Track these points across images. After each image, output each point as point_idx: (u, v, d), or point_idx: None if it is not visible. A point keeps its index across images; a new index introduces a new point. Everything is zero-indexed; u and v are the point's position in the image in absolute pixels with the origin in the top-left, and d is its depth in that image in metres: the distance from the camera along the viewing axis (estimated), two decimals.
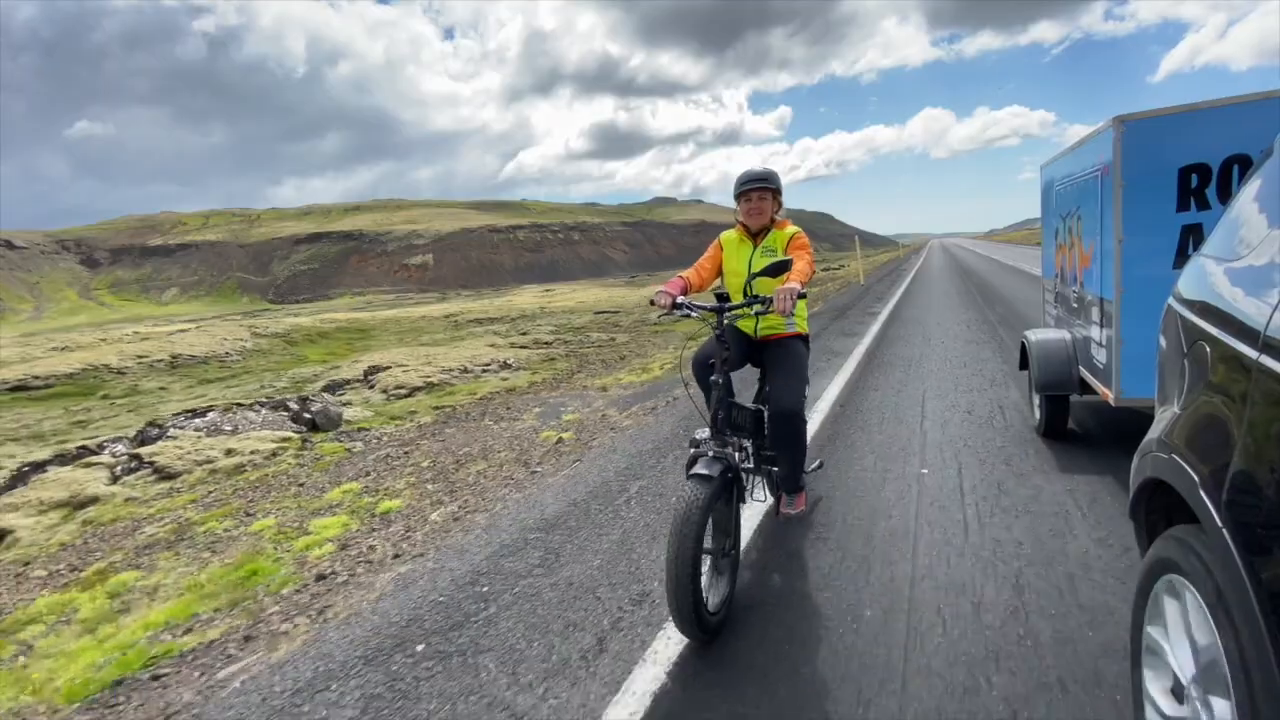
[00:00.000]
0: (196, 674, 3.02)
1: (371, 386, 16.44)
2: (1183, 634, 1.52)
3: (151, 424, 13.05)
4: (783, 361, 3.45)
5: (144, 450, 11.03)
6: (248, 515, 6.05)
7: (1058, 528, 3.58)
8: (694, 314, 3.16)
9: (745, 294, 3.44)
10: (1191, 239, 3.81)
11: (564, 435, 6.87)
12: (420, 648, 2.90)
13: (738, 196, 3.55)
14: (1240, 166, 3.65)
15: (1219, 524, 1.32)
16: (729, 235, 3.69)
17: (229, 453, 11.24)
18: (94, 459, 11.71)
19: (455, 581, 3.51)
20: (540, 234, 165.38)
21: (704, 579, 2.71)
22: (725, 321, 3.09)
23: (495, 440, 7.44)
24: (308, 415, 12.32)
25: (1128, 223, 3.92)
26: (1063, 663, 2.44)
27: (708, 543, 2.74)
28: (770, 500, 3.81)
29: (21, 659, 3.68)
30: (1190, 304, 1.84)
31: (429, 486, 5.83)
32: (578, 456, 5.88)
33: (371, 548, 4.36)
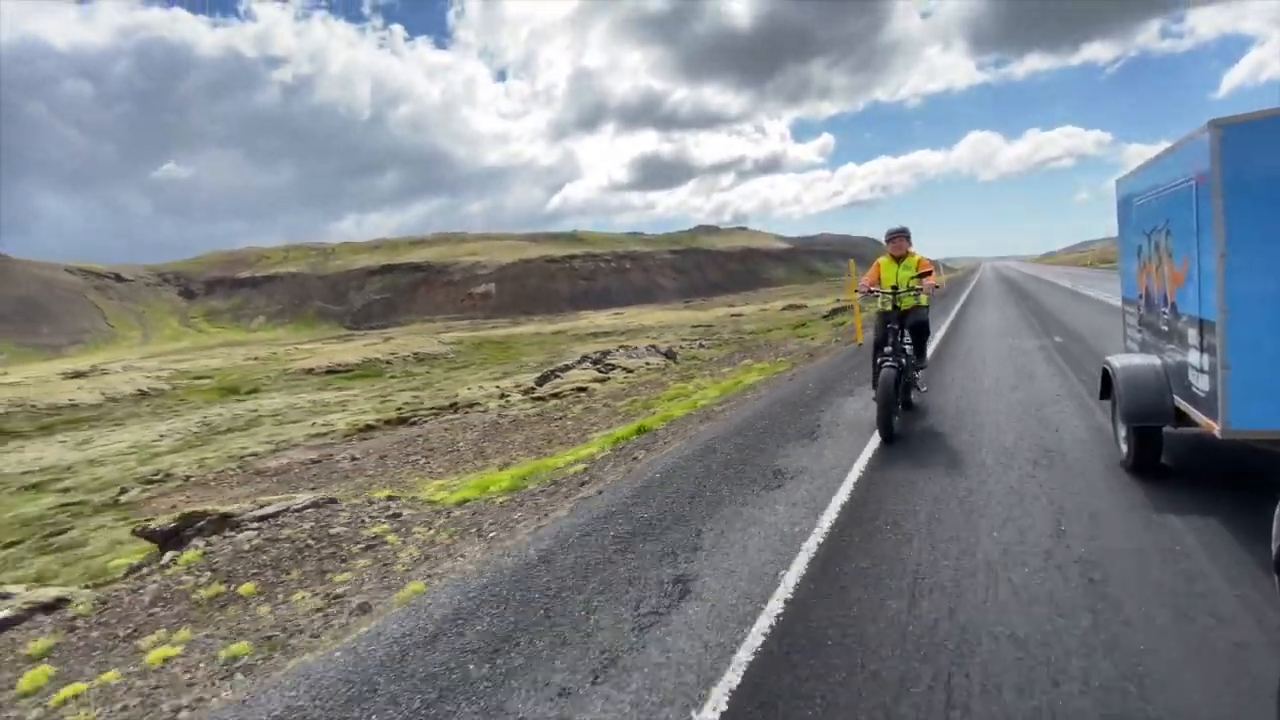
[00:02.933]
0: (761, 390, 10.84)
1: (626, 357, 25.88)
2: None
3: (585, 356, 25.88)
4: (917, 315, 6.96)
5: (610, 361, 22.49)
6: (710, 374, 15.21)
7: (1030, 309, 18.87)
8: (879, 295, 6.89)
9: (903, 288, 6.80)
10: None
11: (822, 344, 17.32)
12: (810, 387, 10.01)
13: (888, 241, 7.09)
14: None
15: None
16: (883, 259, 7.09)
17: (647, 365, 21.42)
18: (573, 369, 22.37)
19: (833, 369, 11.76)
20: (594, 263, 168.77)
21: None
22: (893, 300, 6.75)
23: (783, 350, 17.79)
24: (663, 352, 24.35)
25: (1231, 237, 3.55)
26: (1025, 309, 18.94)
27: (896, 396, 6.40)
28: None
29: (683, 399, 11.90)
30: None
31: (784, 358, 15.30)
32: (837, 350, 14.81)
33: (785, 369, 13.39)
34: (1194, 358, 4.04)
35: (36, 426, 25.08)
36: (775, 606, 3.39)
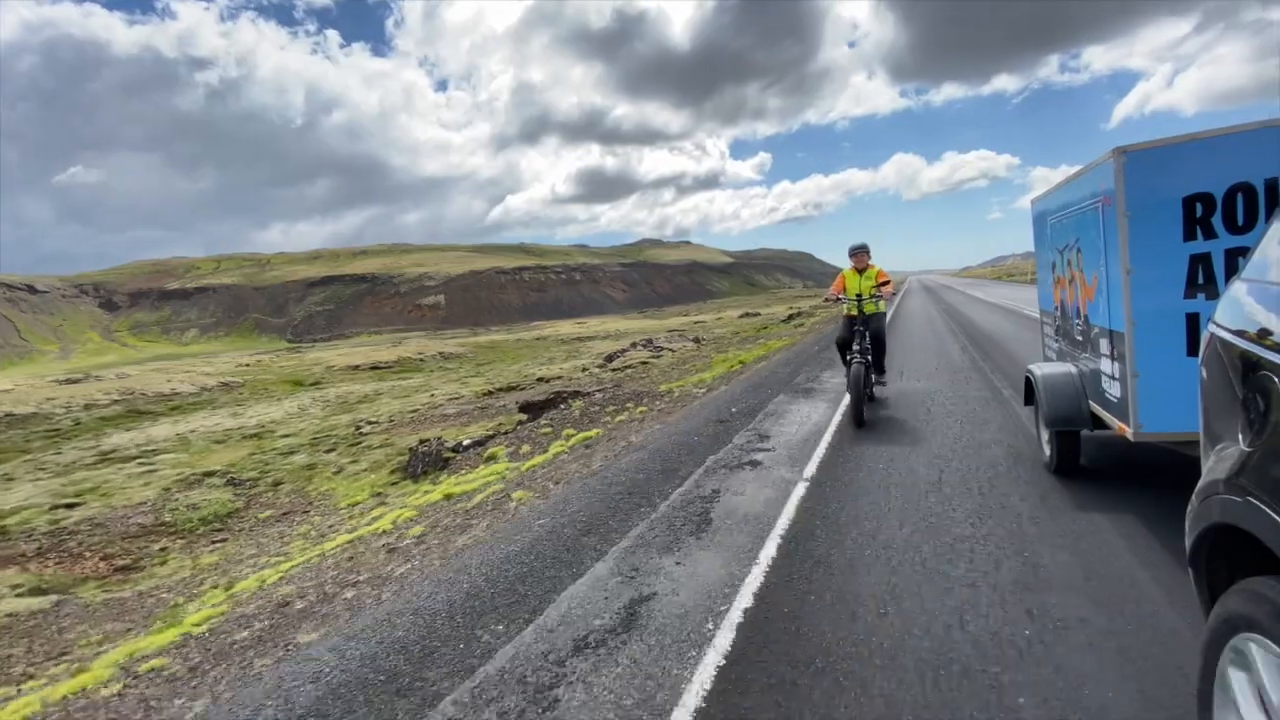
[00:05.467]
0: (775, 355, 16.47)
1: (674, 340, 32.52)
2: (1262, 702, 1.37)
3: (637, 342, 32.33)
4: (876, 321, 7.90)
5: (657, 344, 29.55)
6: (738, 345, 22.29)
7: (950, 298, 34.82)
8: (845, 301, 7.91)
9: (866, 296, 7.82)
10: (1200, 268, 3.70)
11: (805, 328, 27.06)
12: (813, 348, 16.24)
13: (851, 255, 8.02)
14: (1245, 195, 3.55)
15: None
16: (847, 271, 8.06)
17: (685, 348, 26.57)
18: (629, 351, 28.38)
19: (828, 338, 16.70)
20: (544, 275, 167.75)
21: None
22: (858, 306, 7.78)
23: (780, 335, 23.98)
24: (699, 339, 31.08)
25: (1134, 253, 3.81)
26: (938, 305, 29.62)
27: (865, 388, 7.45)
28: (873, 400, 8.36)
29: (727, 361, 16.27)
30: (1241, 332, 1.70)
31: (785, 339, 21.79)
32: (821, 330, 22.84)
33: (796, 340, 20.46)
34: (1106, 366, 4.31)
35: (169, 408, 28.27)
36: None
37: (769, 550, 4.05)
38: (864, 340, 7.50)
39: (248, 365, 47.72)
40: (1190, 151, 3.67)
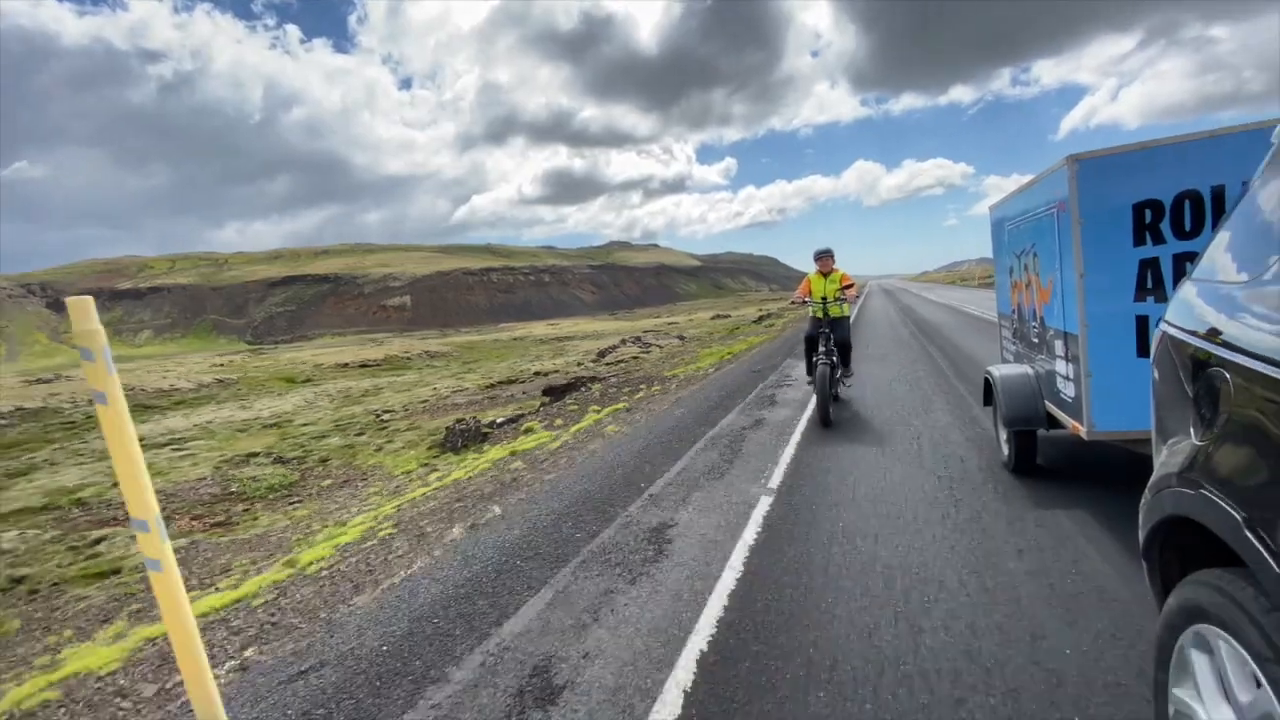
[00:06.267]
0: (762, 345, 20.29)
1: (657, 338, 33.76)
2: (1218, 692, 1.39)
3: (625, 339, 36.04)
4: (841, 325, 8.23)
5: (644, 341, 32.93)
6: (720, 342, 26.12)
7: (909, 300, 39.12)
8: (810, 304, 8.27)
9: (830, 299, 8.16)
10: (1150, 273, 3.82)
11: (777, 327, 29.65)
12: (796, 338, 18.46)
13: (816, 259, 8.38)
14: (1192, 202, 3.66)
15: (1277, 569, 1.17)
16: (813, 275, 8.42)
17: (671, 344, 29.82)
18: (620, 347, 31.28)
19: (797, 333, 19.87)
20: (512, 276, 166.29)
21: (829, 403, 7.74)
22: (823, 308, 8.21)
23: (756, 334, 27.90)
24: (682, 336, 34.09)
25: (1087, 258, 3.90)
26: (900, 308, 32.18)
27: (830, 389, 7.72)
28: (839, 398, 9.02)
29: (716, 354, 19.04)
30: (1191, 331, 1.74)
31: (762, 335, 26.00)
32: (781, 329, 28.34)
33: (774, 336, 23.82)
34: (1061, 367, 4.41)
35: (173, 402, 28.99)
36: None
37: (808, 410, 8.22)
38: (829, 342, 7.81)
39: (221, 365, 47.35)
40: (1141, 160, 3.77)
